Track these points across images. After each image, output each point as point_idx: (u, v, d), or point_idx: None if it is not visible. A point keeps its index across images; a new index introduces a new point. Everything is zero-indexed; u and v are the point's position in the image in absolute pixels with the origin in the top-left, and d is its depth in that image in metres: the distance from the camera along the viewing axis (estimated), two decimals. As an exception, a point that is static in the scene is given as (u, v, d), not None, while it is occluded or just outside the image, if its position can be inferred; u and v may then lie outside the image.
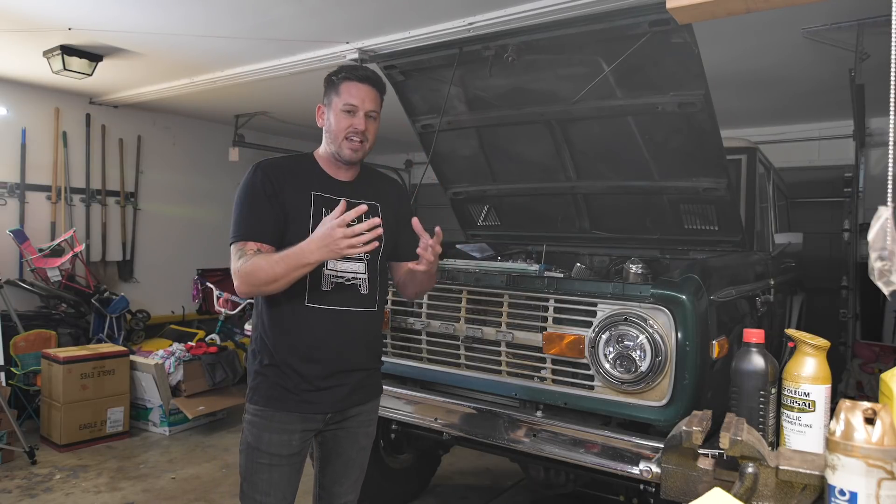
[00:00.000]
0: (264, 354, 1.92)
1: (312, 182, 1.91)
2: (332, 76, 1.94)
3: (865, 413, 1.04)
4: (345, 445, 2.02)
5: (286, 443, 1.89)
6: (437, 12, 3.44)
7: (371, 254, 1.88)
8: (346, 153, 1.89)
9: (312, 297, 1.87)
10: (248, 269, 1.75)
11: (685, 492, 1.49)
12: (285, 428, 1.89)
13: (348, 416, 1.99)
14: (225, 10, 3.56)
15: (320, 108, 1.97)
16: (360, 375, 1.98)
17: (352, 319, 1.92)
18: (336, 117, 1.89)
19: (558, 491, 2.92)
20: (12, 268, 5.34)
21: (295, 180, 1.89)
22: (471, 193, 3.67)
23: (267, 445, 1.88)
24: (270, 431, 1.88)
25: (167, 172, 6.67)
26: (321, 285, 1.87)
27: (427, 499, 3.75)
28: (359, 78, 1.89)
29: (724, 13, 1.44)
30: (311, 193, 1.88)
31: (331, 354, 1.89)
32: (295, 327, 1.88)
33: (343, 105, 1.87)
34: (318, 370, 1.89)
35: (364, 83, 1.89)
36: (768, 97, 4.98)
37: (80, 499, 3.63)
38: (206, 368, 4.98)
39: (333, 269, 1.87)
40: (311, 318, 1.87)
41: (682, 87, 2.54)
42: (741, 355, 1.57)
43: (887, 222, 1.10)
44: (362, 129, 1.87)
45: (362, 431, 2.04)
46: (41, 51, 4.38)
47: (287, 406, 1.88)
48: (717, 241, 3.06)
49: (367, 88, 1.89)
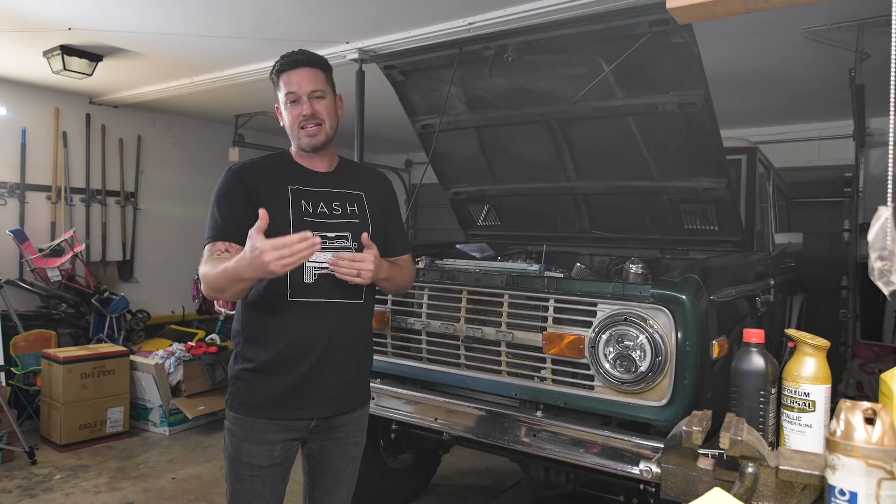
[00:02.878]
0: (244, 357, 1.84)
1: (289, 177, 1.86)
2: (271, 74, 1.89)
3: (865, 413, 1.04)
4: (334, 457, 1.92)
5: (267, 453, 1.81)
6: (437, 12, 3.44)
7: (357, 241, 1.83)
8: (305, 141, 1.85)
9: (295, 291, 1.79)
10: (203, 273, 1.72)
11: (685, 492, 1.49)
12: (265, 438, 1.80)
13: (335, 427, 1.89)
14: (225, 10, 3.56)
15: (277, 108, 1.92)
16: (349, 376, 1.89)
17: (341, 312, 1.83)
18: (286, 112, 1.86)
19: (558, 491, 2.92)
20: (12, 268, 5.34)
21: (270, 177, 1.85)
22: (471, 193, 3.67)
23: (247, 457, 1.81)
24: (250, 442, 1.81)
25: (167, 172, 6.67)
26: (304, 277, 1.79)
27: (427, 499, 3.75)
28: (291, 64, 1.84)
29: (724, 13, 1.44)
30: (288, 187, 1.83)
31: (316, 351, 1.80)
32: (278, 324, 1.80)
33: (285, 97, 1.84)
34: (303, 369, 1.79)
35: (298, 67, 1.83)
36: (768, 97, 4.98)
37: (80, 499, 3.63)
38: (206, 368, 4.98)
39: (316, 260, 1.74)
40: (295, 312, 1.79)
41: (682, 87, 2.54)
42: (741, 355, 1.57)
43: (887, 222, 1.10)
44: (309, 112, 1.82)
45: (351, 442, 1.95)
46: (41, 51, 4.38)
47: (267, 414, 1.80)
48: (717, 241, 3.06)
49: (302, 71, 1.83)
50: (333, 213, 1.86)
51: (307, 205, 1.83)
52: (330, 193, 1.88)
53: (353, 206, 1.90)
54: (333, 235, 1.82)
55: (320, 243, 1.57)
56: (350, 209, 1.88)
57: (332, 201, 1.87)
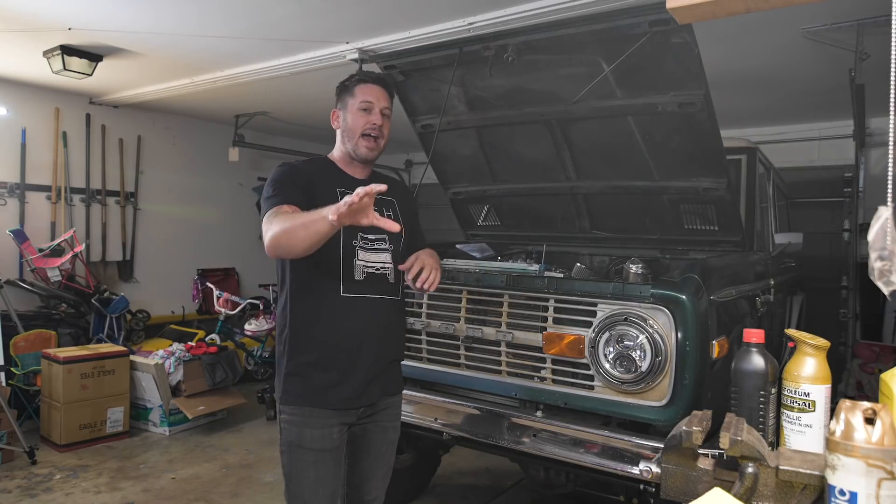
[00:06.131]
0: (298, 350, 1.93)
1: (336, 180, 1.98)
2: (345, 82, 2.04)
3: (865, 413, 1.04)
4: (375, 439, 2.05)
5: (328, 436, 1.92)
6: (437, 12, 3.44)
7: (394, 244, 2.00)
8: (363, 151, 1.97)
9: (348, 287, 1.91)
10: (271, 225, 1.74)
11: (685, 492, 1.49)
12: (325, 423, 1.92)
13: (379, 409, 2.03)
14: (226, 10, 3.56)
15: (335, 112, 2.05)
16: (393, 365, 2.06)
17: (385, 307, 1.99)
18: (353, 116, 1.98)
19: (558, 491, 2.92)
20: (12, 268, 5.34)
21: (322, 177, 1.97)
22: (471, 193, 3.67)
23: (310, 441, 1.91)
24: (311, 427, 1.91)
25: (167, 172, 6.66)
26: (354, 275, 1.92)
27: (427, 499, 3.75)
28: (372, 80, 2.02)
29: (724, 13, 1.43)
30: (336, 189, 1.93)
31: (366, 342, 1.94)
32: (332, 318, 1.91)
33: (360, 104, 1.97)
34: (355, 359, 1.92)
35: (377, 84, 2.01)
36: (768, 97, 4.98)
37: (80, 499, 3.63)
38: (206, 368, 4.98)
39: (364, 259, 1.93)
40: (349, 307, 1.91)
41: (682, 87, 2.54)
42: (741, 355, 1.57)
43: (887, 222, 1.10)
44: (379, 123, 1.97)
45: (391, 425, 2.09)
46: (41, 51, 4.37)
47: (324, 402, 1.91)
48: (717, 241, 3.06)
49: (380, 89, 2.00)
50: None
51: None
52: None
53: (389, 211, 2.04)
54: (373, 238, 1.97)
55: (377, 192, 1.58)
56: (386, 214, 2.00)
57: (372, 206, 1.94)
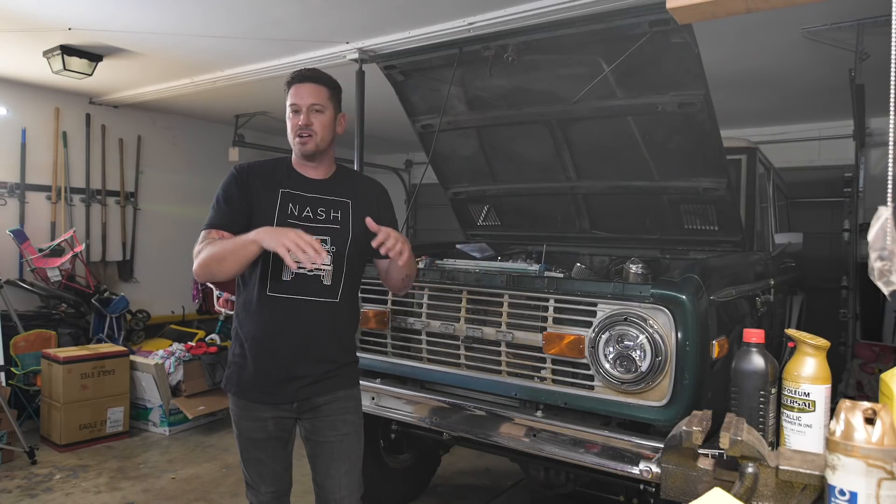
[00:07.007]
0: (236, 343, 2.04)
1: (283, 181, 2.03)
2: (284, 86, 2.06)
3: (865, 413, 1.04)
4: (325, 435, 2.03)
5: (261, 428, 2.01)
6: (437, 12, 3.44)
7: (336, 245, 2.00)
8: (298, 149, 2.02)
9: (274, 287, 1.96)
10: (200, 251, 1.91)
11: (685, 492, 1.49)
12: (258, 416, 2.00)
13: (318, 405, 2.02)
14: (225, 10, 3.56)
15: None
16: (325, 368, 2.01)
17: (314, 309, 1.98)
18: (288, 121, 2.04)
19: (558, 491, 2.92)
20: (12, 268, 5.34)
21: (266, 179, 2.03)
22: (471, 193, 3.67)
23: (246, 432, 2.03)
24: (245, 419, 2.02)
25: (167, 172, 6.66)
26: (282, 275, 1.96)
27: (427, 499, 3.75)
28: (300, 79, 2.02)
29: (724, 13, 1.43)
30: (279, 190, 2.00)
31: (290, 343, 1.96)
32: (258, 315, 1.97)
33: (289, 107, 2.02)
34: (278, 358, 1.96)
35: (304, 82, 2.01)
36: (768, 97, 4.98)
37: (80, 499, 3.63)
38: (205, 368, 4.98)
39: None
40: (272, 306, 1.96)
41: (682, 87, 2.54)
42: (741, 355, 1.57)
43: (887, 222, 1.10)
44: (304, 123, 1.98)
45: (339, 419, 2.04)
46: (41, 51, 4.37)
47: (252, 396, 2.00)
48: (717, 241, 3.06)
49: (307, 86, 2.00)
50: (317, 217, 2.02)
51: (294, 208, 2.00)
52: (318, 199, 2.04)
53: (338, 212, 2.05)
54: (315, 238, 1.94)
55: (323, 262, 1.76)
56: (333, 215, 2.04)
57: (318, 207, 2.03)
